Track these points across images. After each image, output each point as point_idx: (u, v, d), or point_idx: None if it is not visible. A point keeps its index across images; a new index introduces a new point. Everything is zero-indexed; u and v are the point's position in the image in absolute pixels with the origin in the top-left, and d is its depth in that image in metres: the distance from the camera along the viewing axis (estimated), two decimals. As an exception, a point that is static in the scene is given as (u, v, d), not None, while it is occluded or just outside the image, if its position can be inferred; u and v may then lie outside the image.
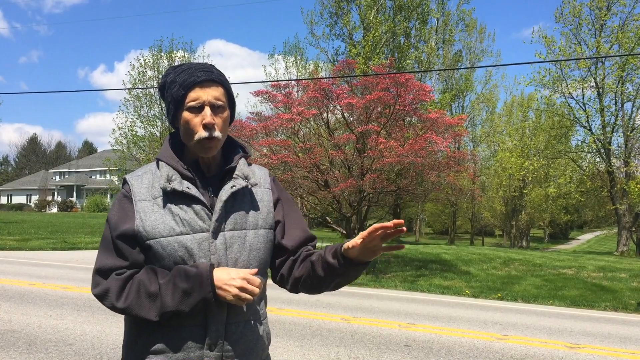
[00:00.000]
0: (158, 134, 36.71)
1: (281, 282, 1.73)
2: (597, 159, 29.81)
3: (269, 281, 1.73)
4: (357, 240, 1.48)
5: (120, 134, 35.71)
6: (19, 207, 63.40)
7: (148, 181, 1.61)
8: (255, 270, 1.55)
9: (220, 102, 1.59)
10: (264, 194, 1.69)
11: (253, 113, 14.57)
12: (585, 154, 30.57)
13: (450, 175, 13.86)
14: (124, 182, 1.64)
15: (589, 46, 27.37)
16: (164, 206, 1.56)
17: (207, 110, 1.56)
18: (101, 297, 1.54)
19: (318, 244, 1.72)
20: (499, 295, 10.69)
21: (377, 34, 28.52)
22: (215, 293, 1.47)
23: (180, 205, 1.56)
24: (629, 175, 27.54)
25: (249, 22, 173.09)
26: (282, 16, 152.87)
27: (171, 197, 1.57)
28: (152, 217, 1.55)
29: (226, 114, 1.62)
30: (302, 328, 6.56)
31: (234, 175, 1.63)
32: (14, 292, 8.25)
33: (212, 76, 1.59)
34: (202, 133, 1.55)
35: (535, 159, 31.54)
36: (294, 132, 13.58)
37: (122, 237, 1.55)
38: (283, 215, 1.71)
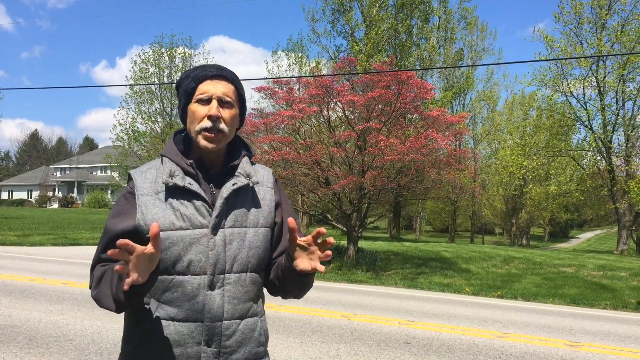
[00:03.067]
0: (159, 130, 36.70)
1: (265, 283, 1.74)
2: (598, 158, 29.76)
3: None
4: (301, 239, 1.50)
5: (122, 130, 35.69)
6: (20, 202, 63.47)
7: (152, 176, 1.63)
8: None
9: (228, 98, 1.63)
10: (266, 193, 1.70)
11: (255, 109, 14.55)
12: (585, 152, 30.53)
13: (450, 173, 13.86)
14: (129, 177, 1.66)
15: (589, 45, 27.31)
16: (165, 201, 1.57)
17: (214, 103, 1.60)
18: (90, 289, 1.57)
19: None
20: (499, 293, 10.70)
21: (379, 31, 28.48)
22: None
23: (182, 201, 1.57)
24: (630, 174, 27.51)
25: (252, 19, 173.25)
26: (285, 12, 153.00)
27: (173, 192, 1.58)
28: (153, 210, 1.56)
29: (234, 111, 1.65)
30: (302, 325, 6.57)
31: (236, 173, 1.64)
32: (15, 287, 8.26)
33: (223, 72, 1.65)
34: (205, 123, 1.59)
35: (535, 157, 31.51)
36: (295, 129, 13.58)
37: (121, 234, 1.54)
38: (282, 219, 1.72)
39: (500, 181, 38.93)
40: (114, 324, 6.00)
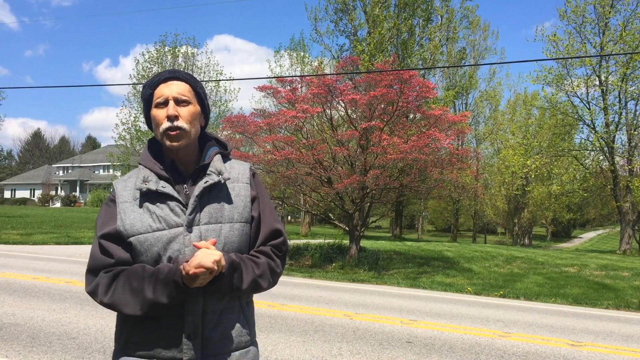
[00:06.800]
0: (160, 129, 36.64)
1: None
2: (601, 157, 29.71)
3: None
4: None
5: (124, 129, 35.72)
6: (23, 201, 63.61)
7: (131, 184, 1.72)
8: (214, 240, 1.61)
9: (184, 97, 1.71)
10: (241, 189, 1.75)
11: (257, 109, 14.57)
12: (588, 152, 30.48)
13: (453, 173, 13.84)
14: (112, 187, 1.77)
15: (593, 44, 27.26)
16: (141, 205, 1.67)
17: (171, 103, 1.69)
18: (92, 294, 1.66)
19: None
20: (501, 292, 10.70)
21: (382, 31, 28.46)
22: (183, 278, 1.53)
23: (157, 204, 1.66)
24: (633, 173, 27.47)
25: (257, 18, 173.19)
26: (290, 11, 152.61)
27: (149, 196, 1.67)
28: (130, 216, 1.66)
29: (192, 108, 1.73)
30: (304, 324, 6.57)
31: (208, 172, 1.71)
32: (18, 286, 8.29)
33: (175, 74, 1.74)
34: (165, 124, 1.67)
35: (538, 156, 31.47)
36: (297, 129, 13.58)
37: (106, 237, 1.67)
38: (259, 212, 1.77)
39: (502, 181, 38.88)
40: (116, 323, 6.01)
